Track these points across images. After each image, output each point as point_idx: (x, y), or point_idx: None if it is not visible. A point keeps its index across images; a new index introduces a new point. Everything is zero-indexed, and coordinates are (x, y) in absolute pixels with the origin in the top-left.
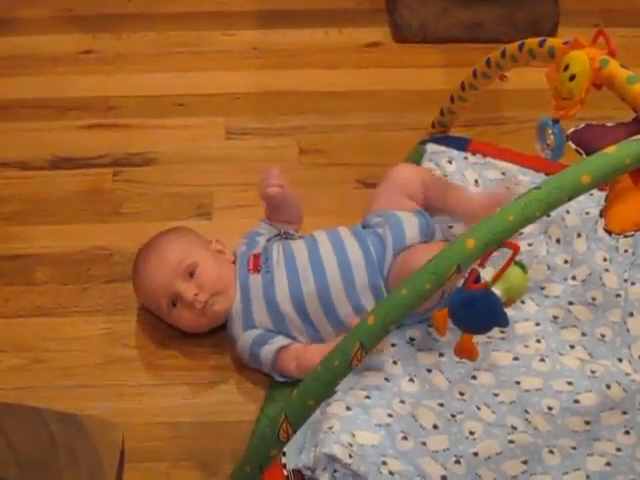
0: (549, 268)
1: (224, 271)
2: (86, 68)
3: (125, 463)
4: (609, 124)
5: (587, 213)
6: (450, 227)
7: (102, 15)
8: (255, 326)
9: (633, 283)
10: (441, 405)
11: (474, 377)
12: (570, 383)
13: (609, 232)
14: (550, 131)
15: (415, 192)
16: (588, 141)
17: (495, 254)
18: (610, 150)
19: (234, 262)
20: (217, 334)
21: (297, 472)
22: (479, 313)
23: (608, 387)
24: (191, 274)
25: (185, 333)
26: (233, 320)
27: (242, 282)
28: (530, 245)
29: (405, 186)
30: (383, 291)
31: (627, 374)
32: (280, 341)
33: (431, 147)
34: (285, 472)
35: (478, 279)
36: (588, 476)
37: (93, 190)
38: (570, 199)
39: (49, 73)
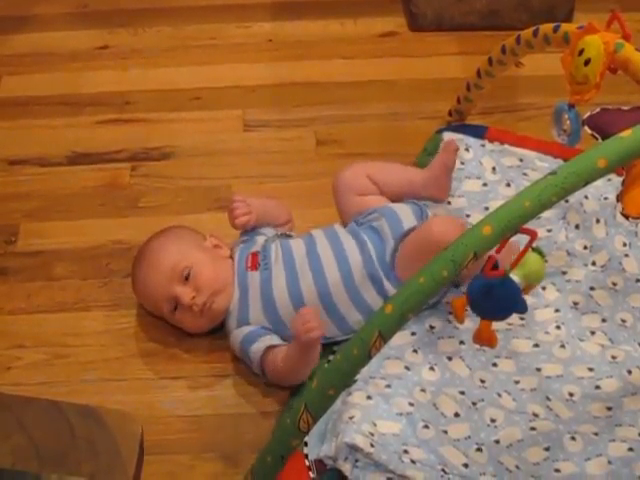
0: (569, 254)
1: (220, 269)
2: (102, 63)
3: (146, 455)
4: (625, 108)
5: (605, 198)
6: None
7: (117, 10)
8: (249, 323)
9: None
10: (462, 393)
11: (495, 364)
12: (591, 369)
13: (626, 216)
14: (566, 116)
15: (365, 186)
16: (604, 125)
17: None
18: (626, 134)
19: (231, 257)
20: None
21: (319, 462)
22: (497, 300)
23: (629, 372)
24: (187, 277)
25: None
26: (229, 315)
27: (240, 280)
28: (549, 231)
29: (352, 186)
30: (383, 282)
31: None
32: (269, 340)
33: (448, 135)
34: (307, 462)
35: (496, 266)
36: (610, 462)
37: (111, 185)
38: (587, 184)
39: (66, 69)
